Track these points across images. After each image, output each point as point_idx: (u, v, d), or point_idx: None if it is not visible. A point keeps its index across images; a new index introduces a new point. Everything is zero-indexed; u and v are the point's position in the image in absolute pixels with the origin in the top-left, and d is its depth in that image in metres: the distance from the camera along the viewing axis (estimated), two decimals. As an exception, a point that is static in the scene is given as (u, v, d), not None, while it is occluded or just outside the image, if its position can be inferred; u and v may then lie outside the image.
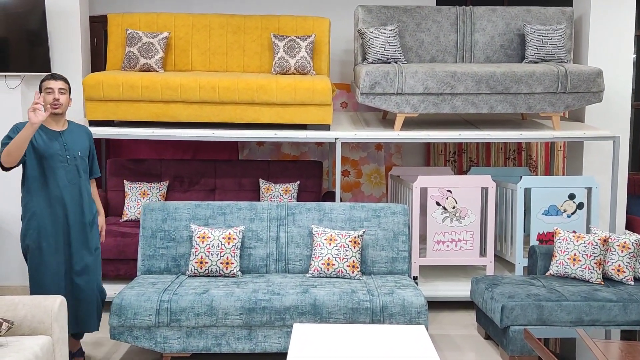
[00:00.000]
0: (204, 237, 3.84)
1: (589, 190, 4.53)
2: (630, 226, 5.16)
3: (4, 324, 2.79)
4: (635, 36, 5.30)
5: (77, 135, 3.46)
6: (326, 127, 4.51)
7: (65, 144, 3.36)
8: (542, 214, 4.51)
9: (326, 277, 3.84)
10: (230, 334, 3.49)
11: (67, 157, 3.36)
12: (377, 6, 4.98)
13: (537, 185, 4.54)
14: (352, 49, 5.33)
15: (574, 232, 4.12)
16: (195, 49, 4.91)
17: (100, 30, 5.38)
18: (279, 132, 4.43)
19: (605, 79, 4.72)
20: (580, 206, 4.51)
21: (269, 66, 4.89)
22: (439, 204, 4.47)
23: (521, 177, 4.58)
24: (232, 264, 3.84)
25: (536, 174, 5.97)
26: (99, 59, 5.36)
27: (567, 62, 4.81)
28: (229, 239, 3.85)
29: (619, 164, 4.59)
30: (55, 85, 3.33)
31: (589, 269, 3.81)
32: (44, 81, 3.34)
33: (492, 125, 4.90)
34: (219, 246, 3.82)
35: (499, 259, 4.95)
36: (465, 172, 5.90)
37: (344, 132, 4.48)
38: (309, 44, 4.75)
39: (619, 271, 3.83)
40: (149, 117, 4.41)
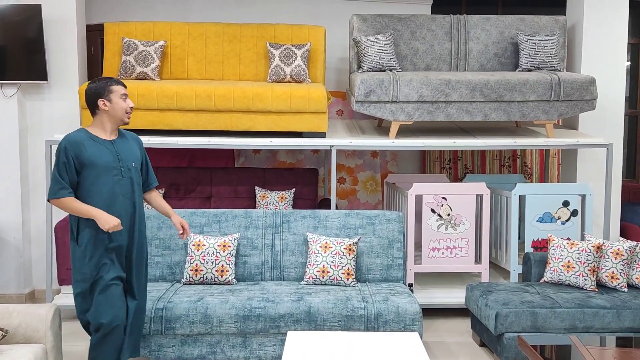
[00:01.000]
0: (199, 245, 3.84)
1: (583, 197, 4.56)
2: (624, 233, 5.18)
3: (-2, 332, 2.80)
4: (628, 44, 5.35)
5: (128, 144, 3.10)
6: (322, 135, 4.53)
7: (118, 155, 3.01)
8: (537, 221, 4.52)
9: (321, 284, 3.85)
10: (225, 341, 3.49)
11: (121, 168, 3.01)
12: (372, 15, 5.02)
13: (532, 192, 4.56)
14: (347, 57, 5.36)
15: (568, 239, 4.14)
16: (191, 58, 4.93)
17: (97, 38, 5.41)
18: (275, 140, 4.45)
19: (598, 87, 4.76)
20: (574, 213, 4.54)
21: (265, 74, 4.92)
22: (434, 211, 4.49)
23: (516, 185, 4.60)
24: (227, 271, 3.84)
25: (531, 181, 6.00)
26: (96, 68, 5.39)
27: (560, 70, 4.84)
28: (224, 246, 3.86)
29: (612, 171, 4.61)
30: (126, 91, 3.05)
31: (583, 276, 3.83)
32: (114, 85, 2.98)
33: (486, 132, 4.93)
34: (214, 254, 3.82)
35: (494, 266, 4.96)
36: (460, 180, 5.92)
37: (340, 140, 4.50)
38: (305, 53, 4.78)
39: (612, 278, 3.84)
40: (145, 125, 4.43)
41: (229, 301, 3.52)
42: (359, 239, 3.98)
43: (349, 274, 3.84)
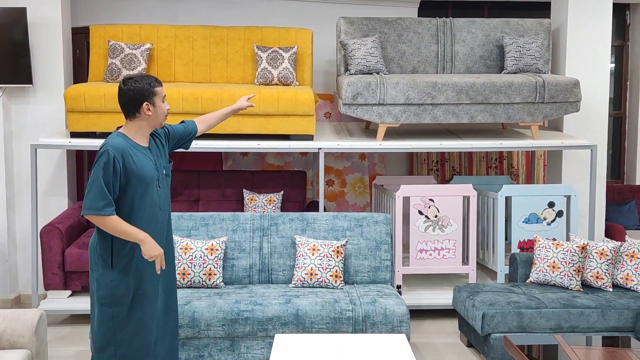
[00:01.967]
0: (186, 249, 3.83)
1: (568, 198, 4.60)
2: (609, 234, 5.24)
3: (-17, 338, 2.77)
4: (611, 46, 5.41)
5: (159, 149, 2.83)
6: (309, 138, 4.54)
7: (155, 163, 2.74)
8: (523, 222, 4.56)
9: (309, 287, 3.85)
10: (212, 345, 3.48)
11: (159, 178, 2.75)
12: (359, 18, 5.04)
13: (518, 193, 4.60)
14: (335, 59, 5.37)
15: (554, 239, 4.18)
16: (178, 60, 4.92)
17: (82, 41, 5.38)
18: (262, 143, 4.45)
19: (582, 89, 4.81)
20: (559, 214, 4.58)
21: (252, 77, 4.92)
22: (421, 212, 4.51)
23: (502, 186, 4.64)
24: (215, 275, 3.83)
25: (518, 183, 6.05)
26: (82, 71, 5.35)
27: (545, 73, 4.89)
28: (212, 250, 3.85)
29: (597, 172, 4.67)
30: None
31: (568, 276, 3.87)
32: (157, 87, 2.68)
33: (473, 134, 4.97)
34: (201, 257, 3.81)
35: (481, 267, 4.99)
36: (448, 181, 5.96)
37: (327, 142, 4.51)
38: (292, 55, 4.79)
39: (597, 278, 3.89)
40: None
41: (217, 305, 3.51)
42: (346, 241, 3.99)
43: (337, 277, 3.85)
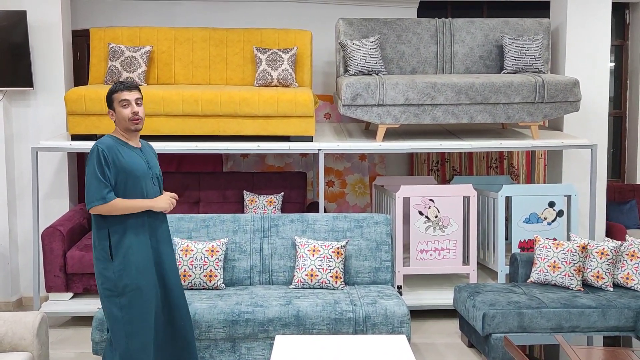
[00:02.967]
0: (187, 250, 3.84)
1: (569, 198, 4.60)
2: (610, 233, 5.23)
3: (-16, 341, 2.78)
4: (611, 45, 5.41)
5: (150, 152, 3.07)
6: (309, 139, 4.54)
7: (147, 162, 2.96)
8: (523, 221, 4.56)
9: (310, 288, 3.86)
10: (213, 347, 3.49)
11: (152, 176, 2.96)
12: (358, 19, 5.05)
13: (518, 193, 4.60)
14: (334, 60, 5.38)
15: (554, 239, 4.18)
16: (178, 62, 4.93)
17: (83, 44, 5.39)
18: (262, 144, 4.45)
19: (582, 88, 4.81)
20: (560, 214, 4.58)
21: (252, 79, 4.93)
22: (421, 213, 4.51)
23: (502, 186, 4.64)
24: (216, 276, 3.84)
25: (518, 182, 6.05)
26: (82, 73, 5.37)
27: (544, 73, 4.89)
28: (212, 251, 3.86)
29: (597, 171, 4.67)
30: (130, 96, 2.86)
31: (569, 276, 3.87)
32: (114, 93, 2.85)
33: (473, 134, 4.97)
34: (202, 259, 3.82)
35: (482, 267, 4.99)
36: (448, 182, 5.96)
37: (327, 143, 4.52)
38: (291, 57, 4.80)
39: (598, 278, 3.88)
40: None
41: (218, 306, 3.52)
42: (347, 242, 3.99)
43: (337, 277, 3.86)
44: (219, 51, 4.96)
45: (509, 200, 4.68)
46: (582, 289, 3.87)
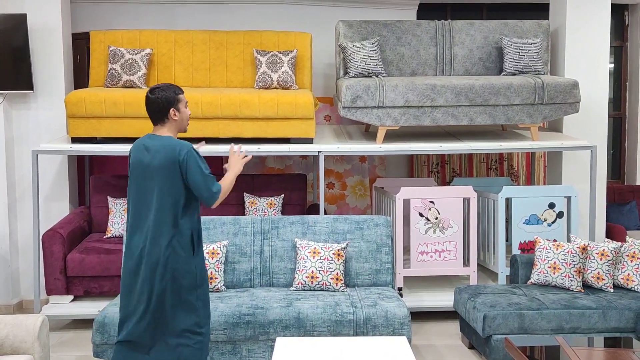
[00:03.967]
0: (187, 253, 3.84)
1: (569, 199, 4.61)
2: (610, 234, 5.24)
3: (-15, 344, 2.78)
4: (610, 47, 5.42)
5: None
6: (309, 141, 4.55)
7: None
8: (523, 223, 4.57)
9: (310, 290, 3.86)
10: (214, 349, 3.49)
11: None
12: (357, 21, 5.06)
13: (518, 194, 4.60)
14: (334, 63, 5.39)
15: (554, 240, 4.18)
16: (178, 65, 4.94)
17: (83, 47, 5.40)
18: (263, 146, 4.46)
19: (582, 90, 4.82)
20: (560, 215, 4.58)
21: (252, 81, 4.94)
22: (421, 215, 4.52)
23: (502, 187, 4.65)
24: (216, 278, 3.84)
25: (518, 184, 6.05)
26: (82, 76, 5.38)
27: (544, 74, 4.90)
28: (213, 253, 3.86)
29: (597, 172, 4.67)
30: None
31: (569, 277, 3.87)
32: (180, 94, 2.94)
33: (472, 136, 4.97)
34: (202, 261, 3.82)
35: (483, 269, 5.00)
36: (448, 183, 5.96)
37: (327, 145, 4.52)
38: (291, 59, 4.80)
39: (598, 279, 3.89)
40: (131, 133, 4.42)
41: (218, 308, 3.52)
42: (347, 244, 4.00)
43: (337, 279, 3.86)
44: (219, 54, 4.97)
45: (509, 201, 4.68)
46: (583, 290, 3.87)
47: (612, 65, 6.46)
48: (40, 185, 4.46)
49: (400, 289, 4.45)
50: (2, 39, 4.63)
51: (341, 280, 3.88)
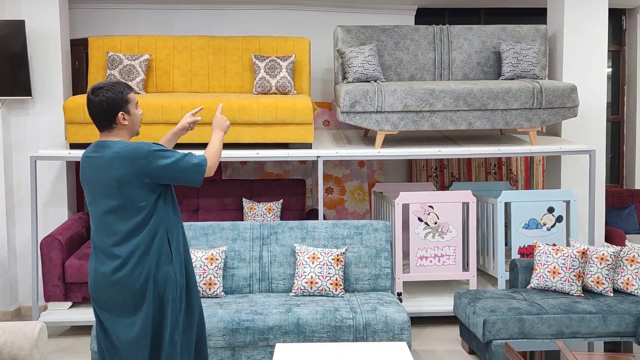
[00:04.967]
0: (186, 258, 3.83)
1: (568, 203, 4.61)
2: (609, 238, 5.23)
3: (-17, 351, 2.76)
4: (608, 51, 5.43)
5: None
6: (308, 146, 4.55)
7: None
8: (523, 227, 4.56)
9: (309, 295, 3.85)
10: (213, 355, 3.47)
11: None
12: (356, 26, 5.07)
13: (517, 199, 4.60)
14: (332, 68, 5.40)
15: (554, 245, 4.18)
16: (176, 71, 4.94)
17: (81, 53, 5.40)
18: (261, 152, 4.46)
19: (580, 94, 4.83)
20: (559, 219, 4.58)
21: (250, 86, 4.94)
22: (421, 219, 4.51)
23: (501, 192, 4.65)
24: (215, 284, 3.83)
25: (517, 188, 6.05)
26: (81, 82, 5.37)
27: (542, 79, 4.91)
28: (212, 259, 3.85)
29: (595, 176, 4.67)
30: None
31: (569, 282, 3.86)
32: (129, 93, 2.53)
33: (471, 140, 4.98)
34: (201, 267, 3.81)
35: (482, 273, 4.99)
36: (447, 188, 5.96)
37: (326, 151, 4.52)
38: (290, 64, 4.81)
39: (598, 283, 3.88)
40: (130, 139, 4.41)
41: (217, 314, 3.51)
42: (346, 249, 3.99)
43: (337, 285, 3.85)
44: (218, 59, 4.97)
45: (508, 206, 4.68)
46: (582, 295, 3.86)
47: (610, 69, 6.47)
48: (38, 191, 4.45)
49: (399, 294, 4.44)
50: (0, 45, 4.63)
51: (340, 285, 3.87)
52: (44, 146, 4.75)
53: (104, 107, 2.47)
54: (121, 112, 2.49)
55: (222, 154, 4.41)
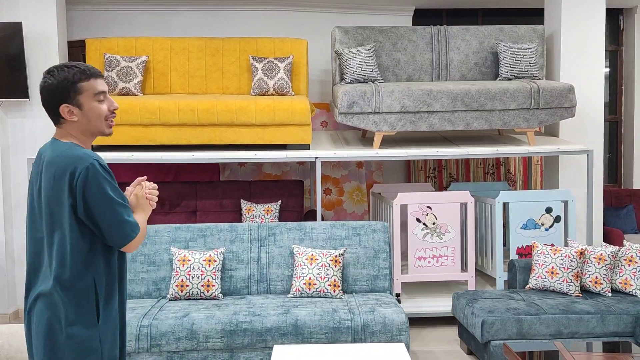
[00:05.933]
0: (184, 260, 3.83)
1: (566, 203, 4.61)
2: (607, 238, 5.24)
3: (-20, 354, 2.76)
4: (605, 51, 5.44)
5: None
6: (306, 147, 4.54)
7: None
8: (521, 227, 4.56)
9: (308, 296, 3.84)
10: (211, 357, 3.46)
11: None
12: (353, 27, 5.07)
13: (515, 199, 4.60)
14: (330, 69, 5.40)
15: (552, 245, 4.17)
16: (174, 72, 4.94)
17: (79, 55, 5.40)
18: (259, 153, 4.45)
19: (577, 94, 4.83)
20: (557, 219, 4.58)
21: (248, 88, 4.94)
22: (419, 220, 4.51)
23: (499, 192, 4.65)
24: (213, 286, 3.83)
25: (515, 188, 6.06)
26: (78, 84, 5.36)
27: (539, 79, 4.91)
28: (210, 261, 3.84)
29: (593, 176, 4.68)
30: (105, 87, 1.97)
31: (567, 282, 3.86)
32: (81, 81, 1.89)
33: (469, 141, 4.98)
34: (199, 269, 3.81)
35: (481, 274, 4.99)
36: (445, 188, 5.96)
37: (324, 152, 4.52)
38: (287, 65, 4.81)
39: (596, 283, 3.88)
40: (128, 140, 4.42)
41: (215, 316, 3.50)
42: (344, 250, 3.98)
43: (335, 286, 3.84)
44: (215, 60, 4.97)
45: (506, 206, 4.68)
46: (581, 295, 3.86)
47: (608, 69, 6.48)
48: (36, 193, 4.43)
49: (398, 295, 4.43)
50: (-3, 47, 4.62)
51: (339, 286, 3.86)
52: (42, 148, 4.73)
53: (44, 95, 1.92)
54: (65, 105, 1.90)
55: (221, 155, 4.43)
